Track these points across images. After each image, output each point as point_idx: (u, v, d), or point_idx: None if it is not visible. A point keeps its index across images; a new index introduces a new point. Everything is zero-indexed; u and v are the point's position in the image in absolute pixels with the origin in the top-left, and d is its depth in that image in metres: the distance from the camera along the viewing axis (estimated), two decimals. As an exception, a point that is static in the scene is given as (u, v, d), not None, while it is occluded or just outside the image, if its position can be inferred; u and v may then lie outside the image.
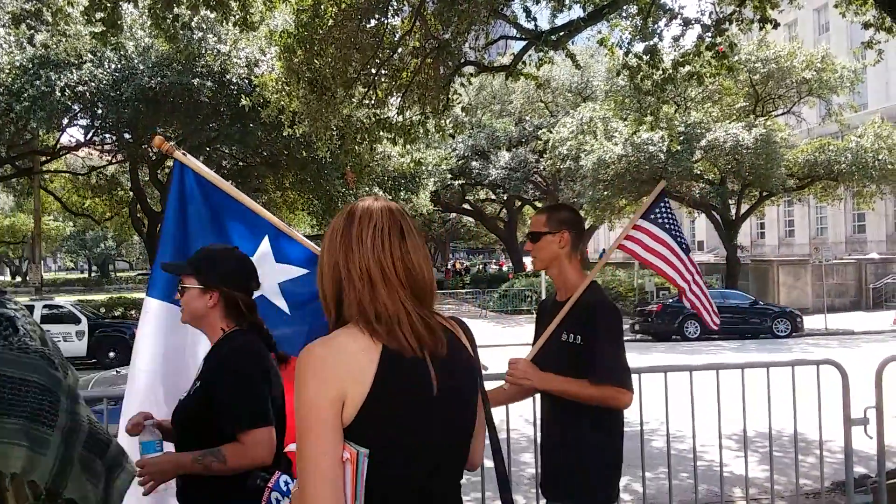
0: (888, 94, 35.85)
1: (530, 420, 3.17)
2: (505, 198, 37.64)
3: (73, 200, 29.85)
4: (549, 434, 2.73)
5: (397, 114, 10.11)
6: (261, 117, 14.10)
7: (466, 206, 41.15)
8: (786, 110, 26.59)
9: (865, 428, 4.34)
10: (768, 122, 23.06)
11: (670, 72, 8.95)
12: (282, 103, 10.54)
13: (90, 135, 21.47)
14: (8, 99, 15.75)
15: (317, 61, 8.91)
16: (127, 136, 19.79)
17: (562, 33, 9.03)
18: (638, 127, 15.90)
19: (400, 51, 9.24)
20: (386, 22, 9.19)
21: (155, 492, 2.21)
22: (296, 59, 9.08)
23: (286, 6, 10.12)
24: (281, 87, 10.38)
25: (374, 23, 9.02)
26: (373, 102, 9.89)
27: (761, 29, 8.82)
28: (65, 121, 19.61)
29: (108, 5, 7.79)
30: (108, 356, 16.21)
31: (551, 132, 27.68)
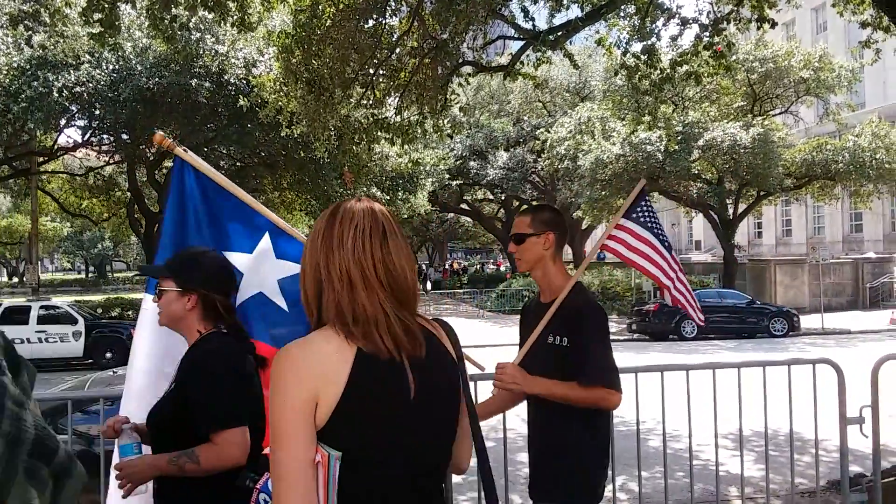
0: (886, 93, 35.91)
1: (526, 420, 3.18)
2: (503, 198, 37.64)
3: (71, 201, 29.82)
4: (536, 436, 2.72)
5: (395, 114, 10.12)
6: (259, 118, 14.11)
7: (464, 206, 41.16)
8: (783, 110, 26.63)
9: (861, 427, 4.35)
10: (766, 122, 23.09)
11: (668, 71, 8.97)
12: (280, 104, 10.54)
13: (88, 135, 21.47)
14: (5, 100, 15.74)
15: (315, 61, 8.92)
16: (125, 136, 19.77)
17: (560, 33, 9.04)
18: (636, 126, 15.87)
19: (398, 51, 9.25)
20: (384, 22, 9.19)
21: (135, 493, 2.22)
22: (294, 60, 9.08)
23: (284, 7, 10.13)
24: (279, 87, 10.38)
25: (372, 23, 9.02)
26: (371, 102, 9.90)
27: (759, 28, 8.84)
28: (62, 121, 19.59)
29: (106, 6, 7.79)
30: (105, 356, 16.21)
31: (549, 132, 27.70)
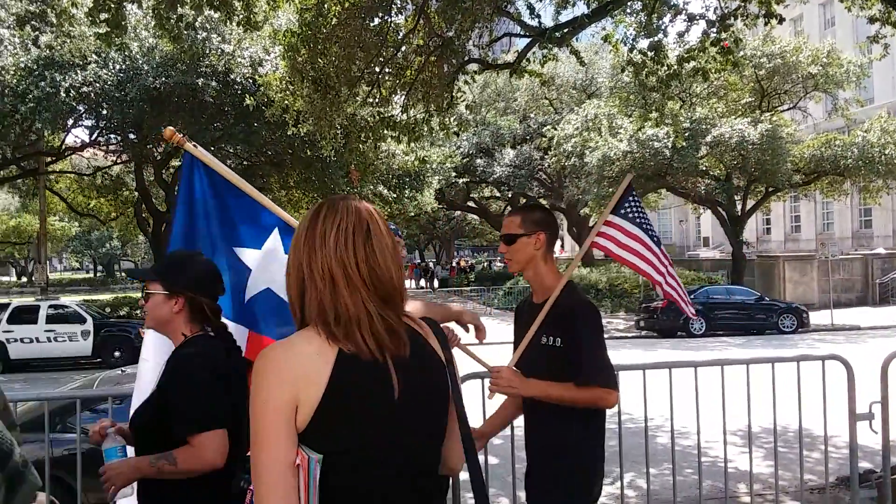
0: (895, 88, 35.68)
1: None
2: (510, 195, 37.60)
3: (79, 201, 29.98)
4: (533, 437, 2.70)
5: (401, 112, 10.12)
6: (265, 116, 14.12)
7: (471, 203, 41.15)
8: (791, 105, 26.51)
9: (871, 423, 4.33)
10: (774, 118, 23.00)
11: (675, 68, 8.93)
12: (286, 102, 10.55)
13: (95, 135, 21.56)
14: (13, 100, 15.81)
15: (321, 60, 8.92)
16: (132, 136, 19.84)
17: (566, 30, 9.02)
18: (643, 123, 15.84)
19: (404, 49, 9.24)
20: (389, 20, 9.18)
21: (120, 496, 2.23)
22: (299, 59, 9.09)
23: (290, 5, 10.14)
24: (285, 86, 10.40)
25: (377, 21, 9.02)
26: (377, 101, 9.90)
27: (766, 24, 8.78)
28: (70, 121, 19.67)
29: (113, 6, 7.81)
30: (114, 355, 16.29)
31: (556, 129, 27.66)
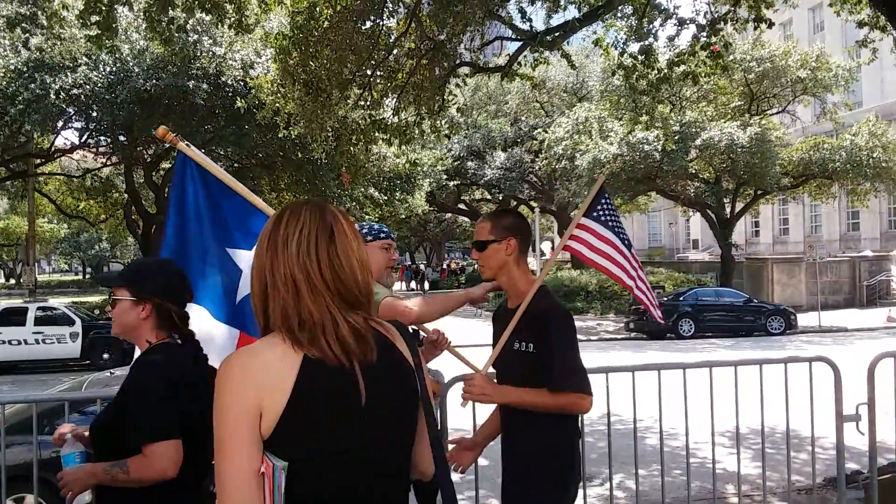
0: (883, 92, 35.96)
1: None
2: (500, 198, 37.65)
3: (68, 203, 29.83)
4: (508, 440, 2.69)
5: (393, 115, 10.15)
6: (256, 119, 14.12)
7: (462, 206, 41.19)
8: (780, 109, 26.68)
9: (857, 424, 4.36)
10: (763, 121, 23.16)
11: (665, 71, 9.00)
12: (277, 105, 10.56)
13: (85, 137, 21.46)
14: (2, 102, 15.75)
15: (312, 63, 8.93)
16: (122, 138, 19.78)
17: (557, 34, 9.07)
18: (633, 126, 15.92)
19: (395, 52, 9.27)
20: (381, 23, 9.20)
21: (78, 501, 2.24)
22: (291, 61, 9.10)
23: (281, 8, 10.15)
24: (276, 88, 10.40)
25: (369, 24, 9.03)
26: (368, 103, 9.91)
27: (756, 28, 8.87)
28: (59, 123, 19.60)
29: (104, 8, 7.80)
30: (102, 357, 16.19)
31: (547, 132, 27.74)
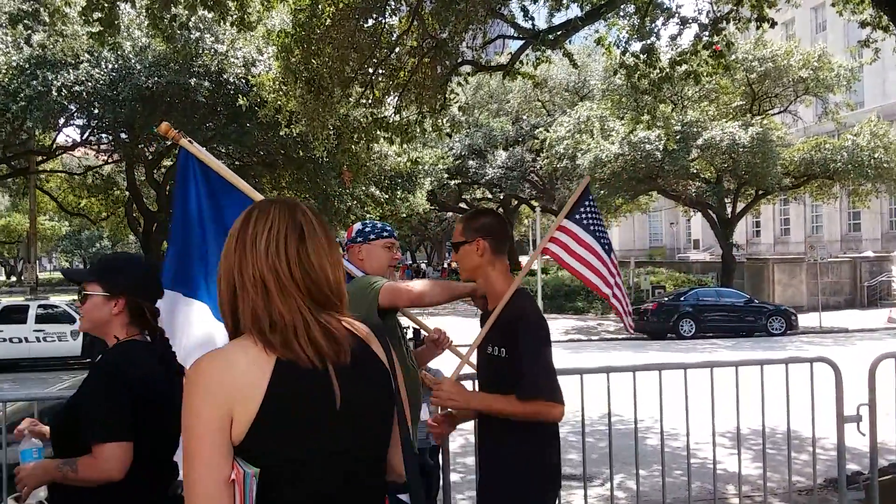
0: (885, 92, 35.93)
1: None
2: (501, 197, 37.67)
3: (69, 200, 29.83)
4: (482, 448, 2.66)
5: (394, 113, 10.14)
6: (258, 117, 14.13)
7: (463, 205, 41.16)
8: (782, 109, 26.66)
9: (858, 425, 4.36)
10: (765, 121, 23.13)
11: (667, 71, 8.98)
12: (279, 103, 10.56)
13: (86, 134, 21.48)
14: (4, 99, 15.75)
15: (314, 61, 8.93)
16: (123, 135, 19.78)
17: (559, 32, 9.06)
18: (634, 126, 15.92)
19: (397, 50, 9.26)
20: (383, 21, 9.20)
21: (32, 497, 2.22)
22: (293, 59, 9.09)
23: (284, 6, 10.14)
24: (278, 86, 10.40)
25: (371, 22, 9.03)
26: (370, 102, 9.91)
27: (758, 28, 8.85)
28: (61, 120, 19.60)
29: (106, 5, 7.80)
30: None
31: (548, 131, 27.72)
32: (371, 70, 9.32)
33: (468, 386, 3.81)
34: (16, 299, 23.05)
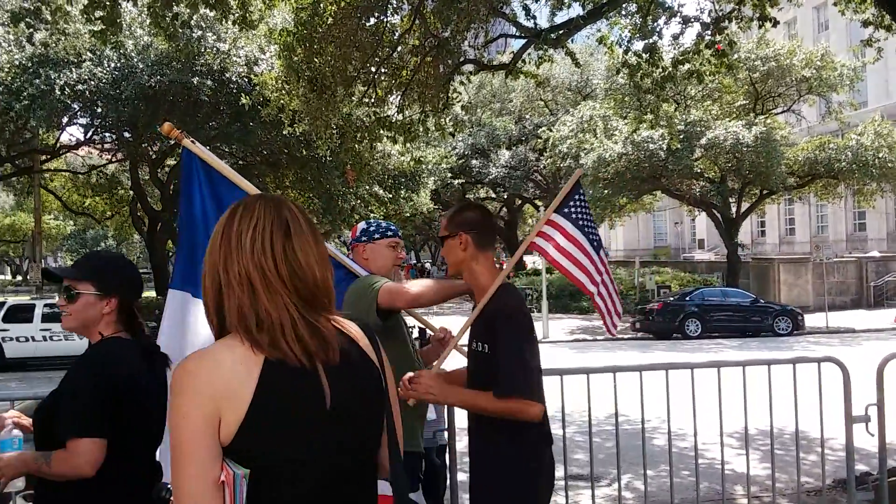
0: (888, 91, 35.82)
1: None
2: (505, 196, 37.65)
3: (74, 199, 29.89)
4: (469, 448, 2.61)
5: (397, 112, 10.11)
6: (260, 116, 14.11)
7: (466, 204, 41.14)
8: (786, 108, 26.61)
9: (867, 425, 4.33)
10: (768, 121, 23.06)
11: (670, 70, 8.95)
12: (281, 102, 10.54)
13: (90, 133, 21.51)
14: (7, 98, 15.75)
15: (316, 60, 8.91)
16: (127, 134, 19.80)
17: (561, 31, 9.02)
18: (638, 125, 15.86)
19: (399, 49, 9.24)
20: (385, 20, 9.18)
21: (9, 488, 2.23)
22: (295, 58, 9.08)
23: (285, 4, 10.12)
24: (281, 85, 10.38)
25: (373, 21, 9.01)
26: (372, 101, 9.89)
27: (761, 27, 8.82)
28: (64, 119, 19.62)
29: (108, 4, 7.78)
30: (109, 355, 16.23)
31: (551, 130, 27.69)
32: (373, 69, 9.30)
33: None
34: (22, 298, 23.09)
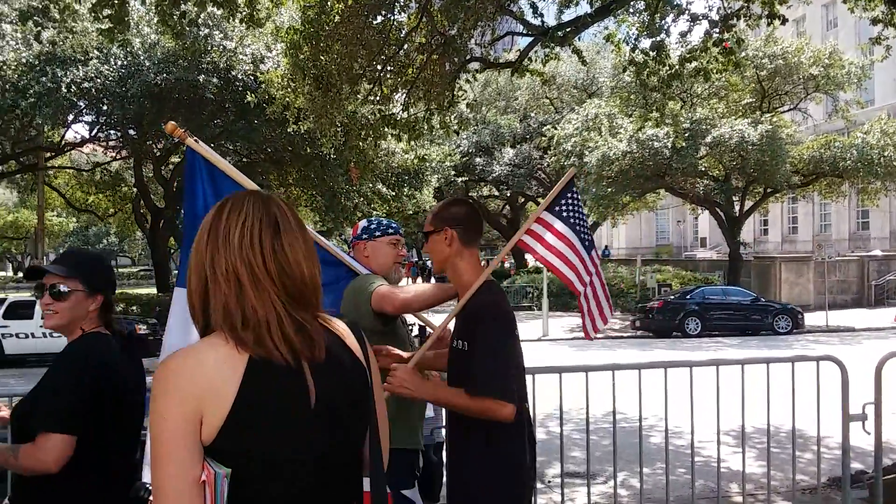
0: None
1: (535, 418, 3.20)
2: (508, 194, 37.63)
3: (77, 196, 29.99)
4: (447, 445, 2.60)
5: (402, 110, 10.14)
6: (266, 114, 14.16)
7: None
8: (792, 107, 26.52)
9: (864, 424, 4.36)
10: (774, 119, 23.01)
11: (677, 68, 8.94)
12: (287, 100, 10.58)
13: (95, 131, 21.59)
14: (14, 95, 15.84)
15: (322, 58, 8.95)
16: (132, 132, 19.89)
17: (568, 29, 9.04)
18: (643, 123, 15.88)
19: (406, 47, 9.26)
20: (392, 18, 9.21)
21: None
22: (301, 56, 9.12)
23: (293, 3, 10.17)
24: (286, 83, 10.42)
25: (380, 19, 9.04)
26: (378, 99, 9.92)
27: (769, 25, 8.81)
28: (70, 117, 19.72)
29: (116, 2, 7.83)
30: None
31: (556, 129, 27.63)
32: (379, 67, 9.33)
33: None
34: (23, 295, 23.18)
